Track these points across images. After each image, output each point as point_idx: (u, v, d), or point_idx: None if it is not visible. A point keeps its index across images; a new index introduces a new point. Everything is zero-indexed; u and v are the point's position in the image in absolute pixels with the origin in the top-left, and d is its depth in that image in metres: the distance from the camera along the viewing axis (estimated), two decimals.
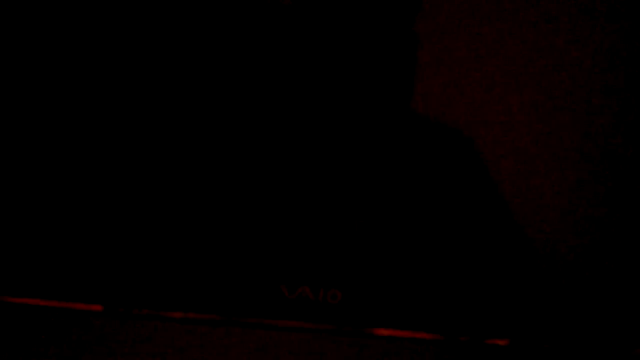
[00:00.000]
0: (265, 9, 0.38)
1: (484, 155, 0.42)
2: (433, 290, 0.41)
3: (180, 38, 0.39)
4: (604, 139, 0.44)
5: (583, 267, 0.42)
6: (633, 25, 0.42)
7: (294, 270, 0.42)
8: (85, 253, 0.42)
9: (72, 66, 0.40)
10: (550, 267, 0.42)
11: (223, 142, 0.41)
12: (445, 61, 0.41)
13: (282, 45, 0.39)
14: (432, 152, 0.41)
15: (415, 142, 0.41)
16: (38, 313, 0.40)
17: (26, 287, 0.41)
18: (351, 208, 0.41)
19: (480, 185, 0.41)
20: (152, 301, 0.42)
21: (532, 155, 0.43)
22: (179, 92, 0.40)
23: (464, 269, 0.42)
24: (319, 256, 0.42)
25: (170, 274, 0.42)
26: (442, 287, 0.42)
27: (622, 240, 0.43)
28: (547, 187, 0.43)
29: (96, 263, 0.42)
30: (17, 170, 0.40)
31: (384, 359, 0.40)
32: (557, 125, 0.43)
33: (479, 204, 0.41)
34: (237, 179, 0.41)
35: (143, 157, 0.41)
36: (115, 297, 0.42)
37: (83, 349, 0.38)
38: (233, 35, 0.39)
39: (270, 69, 0.39)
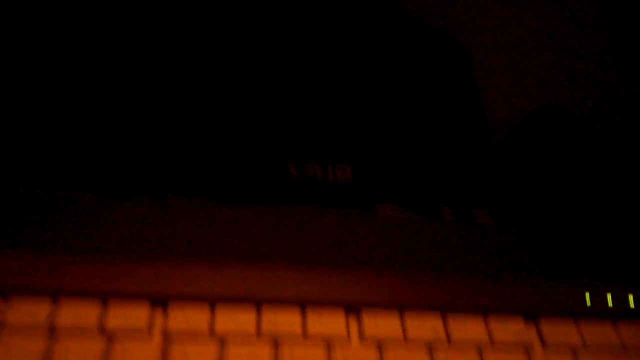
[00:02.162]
0: None
1: (470, 56, 0.42)
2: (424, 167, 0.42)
3: None
4: (592, 50, 0.44)
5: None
6: None
7: (301, 145, 0.41)
8: (82, 136, 0.40)
9: None
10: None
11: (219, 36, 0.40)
12: None
13: None
14: (421, 52, 0.41)
15: (405, 41, 0.40)
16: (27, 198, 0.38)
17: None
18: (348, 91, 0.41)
19: (463, 85, 0.41)
20: (152, 187, 0.41)
21: (520, 60, 0.43)
22: None
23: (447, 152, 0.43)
24: (326, 131, 0.41)
25: (169, 156, 0.41)
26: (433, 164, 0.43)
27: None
28: (527, 92, 0.43)
29: (94, 147, 0.40)
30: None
31: (390, 235, 0.41)
32: (548, 34, 0.43)
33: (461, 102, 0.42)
34: (239, 63, 0.40)
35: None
36: (113, 184, 0.41)
37: (80, 232, 0.37)
38: None
39: None
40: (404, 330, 0.35)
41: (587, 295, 0.39)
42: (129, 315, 0.33)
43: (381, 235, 0.41)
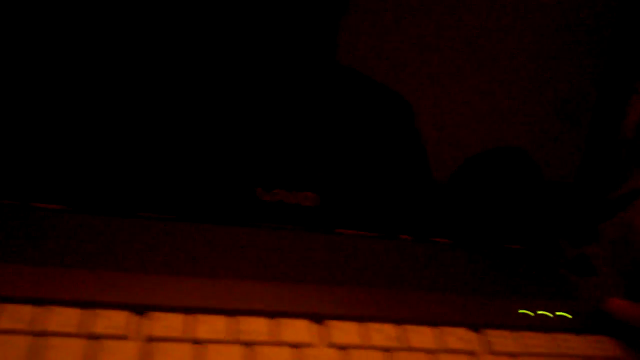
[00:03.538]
0: None
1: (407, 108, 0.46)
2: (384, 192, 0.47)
3: None
4: (522, 98, 0.49)
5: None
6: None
7: (269, 172, 0.45)
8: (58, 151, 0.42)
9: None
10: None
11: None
12: (373, 16, 0.44)
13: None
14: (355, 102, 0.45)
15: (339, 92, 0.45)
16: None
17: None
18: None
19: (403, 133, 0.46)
20: (123, 204, 0.43)
21: (453, 109, 0.48)
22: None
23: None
24: (293, 158, 0.45)
25: (142, 176, 0.43)
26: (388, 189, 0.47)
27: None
28: (467, 140, 0.48)
29: (66, 162, 0.42)
30: None
31: (356, 255, 0.45)
32: (480, 82, 0.48)
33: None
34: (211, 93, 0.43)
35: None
36: (82, 199, 0.43)
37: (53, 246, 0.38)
38: None
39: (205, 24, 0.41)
40: (365, 337, 0.39)
41: (526, 309, 0.44)
42: (110, 322, 0.35)
43: (343, 254, 0.45)
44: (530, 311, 0.44)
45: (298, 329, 0.38)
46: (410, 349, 0.39)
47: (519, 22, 0.47)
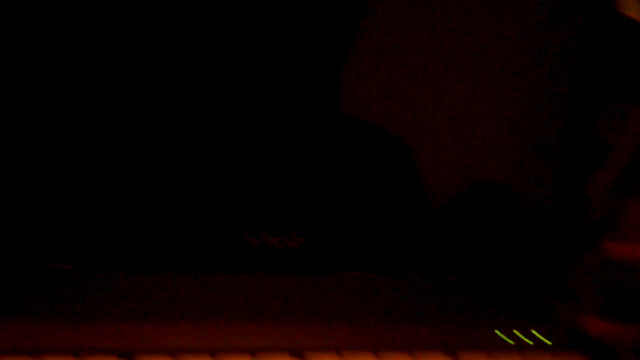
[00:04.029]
0: None
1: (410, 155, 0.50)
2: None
3: None
4: (528, 138, 0.52)
5: None
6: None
7: (253, 218, 0.48)
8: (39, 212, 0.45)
9: None
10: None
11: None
12: (375, 63, 0.48)
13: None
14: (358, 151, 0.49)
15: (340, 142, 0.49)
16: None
17: None
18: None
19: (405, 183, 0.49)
20: (107, 257, 0.46)
21: (460, 160, 0.51)
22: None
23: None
24: (280, 203, 0.48)
25: (126, 230, 0.46)
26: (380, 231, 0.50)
27: None
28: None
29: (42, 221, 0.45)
30: None
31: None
32: (483, 127, 0.51)
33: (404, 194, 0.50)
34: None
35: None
36: (69, 254, 0.46)
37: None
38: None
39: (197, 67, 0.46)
40: None
41: (503, 332, 0.46)
42: None
43: (325, 293, 0.48)
44: (508, 334, 0.46)
45: None
46: None
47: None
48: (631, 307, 0.50)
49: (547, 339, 0.46)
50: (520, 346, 0.45)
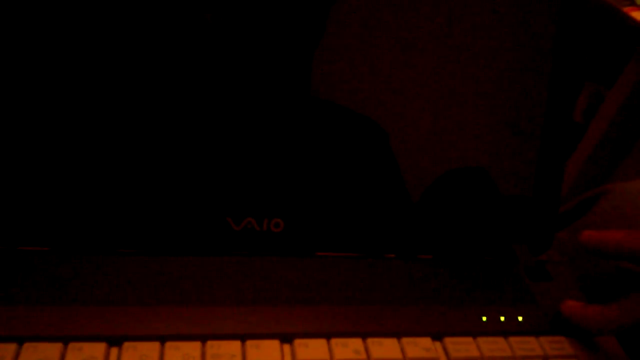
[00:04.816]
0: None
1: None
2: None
3: None
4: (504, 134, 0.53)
5: None
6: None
7: (238, 202, 0.48)
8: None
9: None
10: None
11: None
12: (351, 46, 0.48)
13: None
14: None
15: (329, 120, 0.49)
16: None
17: None
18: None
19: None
20: (93, 240, 0.46)
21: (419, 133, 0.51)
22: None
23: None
24: (261, 188, 0.49)
25: (111, 210, 0.46)
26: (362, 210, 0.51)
27: None
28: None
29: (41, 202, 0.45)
30: None
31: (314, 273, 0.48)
32: (461, 111, 0.51)
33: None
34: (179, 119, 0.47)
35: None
36: (50, 237, 0.46)
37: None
38: None
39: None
40: (330, 352, 0.41)
41: (486, 316, 0.47)
42: (88, 353, 0.38)
43: (310, 276, 0.48)
44: (491, 317, 0.47)
45: (268, 349, 0.41)
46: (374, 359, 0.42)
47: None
48: (606, 290, 0.52)
49: (531, 323, 0.47)
50: (504, 329, 0.46)
